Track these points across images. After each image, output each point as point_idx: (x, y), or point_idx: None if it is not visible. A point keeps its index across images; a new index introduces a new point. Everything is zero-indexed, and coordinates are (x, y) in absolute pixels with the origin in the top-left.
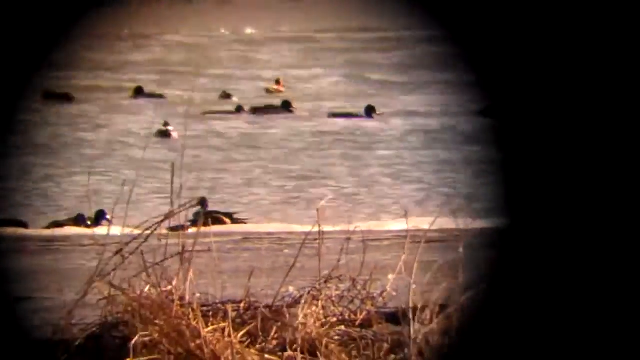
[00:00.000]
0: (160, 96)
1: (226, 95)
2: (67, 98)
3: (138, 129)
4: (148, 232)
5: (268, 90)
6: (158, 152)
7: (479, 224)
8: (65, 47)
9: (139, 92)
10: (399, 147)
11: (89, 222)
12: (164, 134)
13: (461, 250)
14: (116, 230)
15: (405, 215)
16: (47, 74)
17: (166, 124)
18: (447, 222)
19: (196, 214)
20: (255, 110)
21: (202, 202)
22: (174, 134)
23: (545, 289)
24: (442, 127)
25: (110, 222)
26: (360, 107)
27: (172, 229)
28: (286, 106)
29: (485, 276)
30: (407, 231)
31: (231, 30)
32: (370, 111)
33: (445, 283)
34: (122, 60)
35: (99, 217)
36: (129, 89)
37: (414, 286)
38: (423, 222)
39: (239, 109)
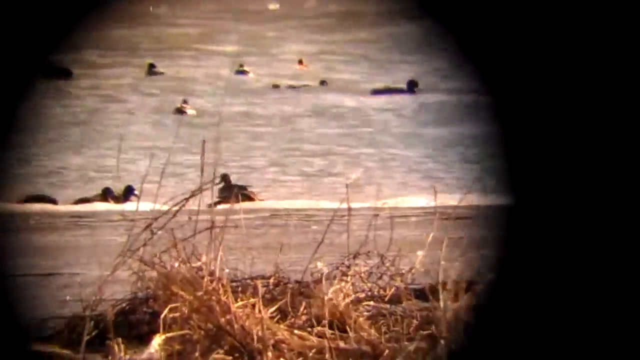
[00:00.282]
0: (162, 73)
1: (242, 72)
2: (65, 74)
3: (154, 105)
4: (177, 207)
5: (293, 70)
6: (176, 129)
7: (507, 200)
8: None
9: (152, 67)
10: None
11: (115, 197)
12: (180, 111)
13: (485, 226)
14: (145, 205)
15: (434, 191)
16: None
17: (185, 101)
18: (478, 199)
19: (222, 190)
20: (292, 88)
21: (225, 178)
22: (189, 111)
23: (567, 267)
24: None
25: (138, 197)
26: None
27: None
28: (323, 84)
29: (511, 253)
30: (435, 207)
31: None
32: (412, 86)
33: (473, 259)
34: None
35: (128, 193)
36: (143, 65)
37: (442, 262)
38: (452, 199)
39: (275, 87)
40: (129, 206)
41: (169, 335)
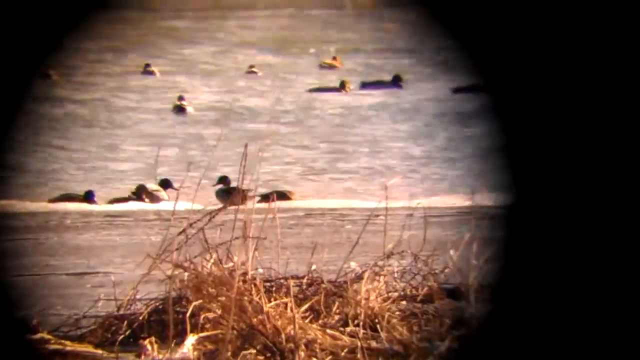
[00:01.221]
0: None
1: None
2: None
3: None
4: (212, 208)
5: (322, 66)
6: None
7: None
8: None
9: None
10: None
11: (150, 195)
12: (179, 109)
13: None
14: (180, 205)
15: (471, 191)
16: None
17: (180, 98)
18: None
19: (221, 193)
20: (365, 85)
21: (224, 180)
22: (189, 109)
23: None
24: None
25: (177, 189)
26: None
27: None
28: (396, 80)
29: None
30: (471, 207)
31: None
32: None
33: (503, 260)
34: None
35: (165, 186)
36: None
37: (474, 262)
38: (487, 198)
39: (342, 85)
40: (164, 206)
41: (202, 335)
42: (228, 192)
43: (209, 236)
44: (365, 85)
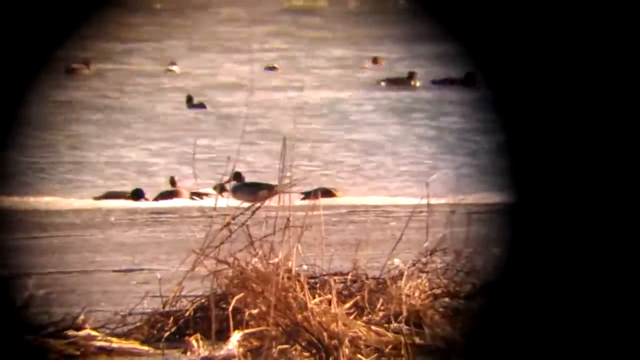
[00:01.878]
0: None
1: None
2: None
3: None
4: (256, 205)
5: (362, 68)
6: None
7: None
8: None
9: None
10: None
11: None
12: (198, 105)
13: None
14: (224, 202)
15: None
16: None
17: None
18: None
19: (236, 189)
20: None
21: (237, 176)
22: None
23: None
24: None
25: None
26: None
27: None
28: (469, 79)
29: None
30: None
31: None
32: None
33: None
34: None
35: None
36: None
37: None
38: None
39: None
40: (208, 202)
41: (247, 331)
42: (248, 187)
43: (252, 232)
44: (435, 83)
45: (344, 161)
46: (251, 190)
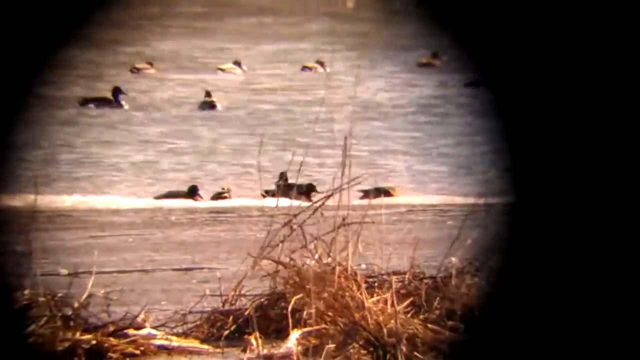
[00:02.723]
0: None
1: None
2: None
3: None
4: (316, 204)
5: (419, 64)
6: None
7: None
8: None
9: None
10: None
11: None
12: (209, 105)
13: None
14: (284, 201)
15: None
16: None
17: (208, 94)
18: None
19: (280, 189)
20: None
21: (282, 176)
22: (218, 106)
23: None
24: None
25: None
26: None
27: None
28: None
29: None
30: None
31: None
32: None
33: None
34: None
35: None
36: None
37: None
38: None
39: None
40: (269, 202)
41: (305, 330)
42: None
43: (311, 232)
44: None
45: (396, 162)
46: (286, 191)
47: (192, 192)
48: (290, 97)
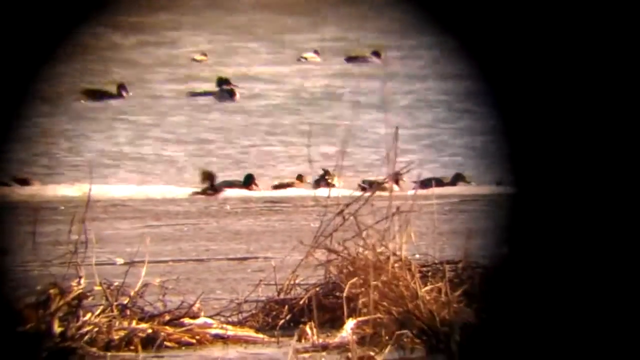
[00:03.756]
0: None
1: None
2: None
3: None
4: (368, 194)
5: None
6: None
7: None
8: None
9: None
10: None
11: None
12: (229, 93)
13: None
14: (338, 191)
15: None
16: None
17: (225, 81)
18: None
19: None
20: None
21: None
22: (237, 95)
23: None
24: None
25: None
26: None
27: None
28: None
29: None
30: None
31: None
32: None
33: None
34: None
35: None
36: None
37: None
38: None
39: None
40: (322, 192)
41: (360, 319)
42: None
43: (365, 221)
44: None
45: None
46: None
47: (247, 181)
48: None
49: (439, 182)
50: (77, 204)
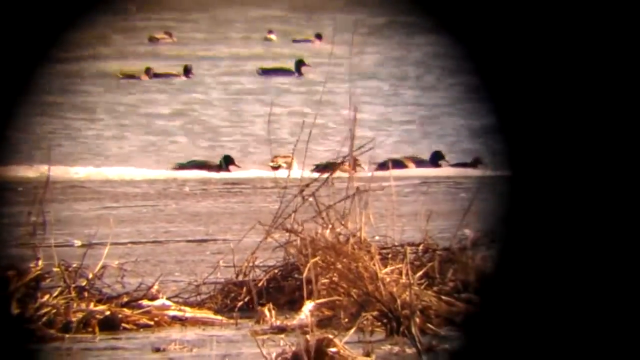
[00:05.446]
0: None
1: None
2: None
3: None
4: (325, 175)
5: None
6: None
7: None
8: None
9: None
10: None
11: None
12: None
13: None
14: (296, 173)
15: None
16: None
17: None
18: None
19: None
20: None
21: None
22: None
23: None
24: None
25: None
26: None
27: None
28: None
29: None
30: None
31: None
32: None
33: None
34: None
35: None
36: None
37: None
38: None
39: None
40: (281, 173)
41: (319, 301)
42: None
43: (325, 202)
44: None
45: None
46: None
47: (226, 162)
48: None
49: (419, 162)
50: (35, 185)
